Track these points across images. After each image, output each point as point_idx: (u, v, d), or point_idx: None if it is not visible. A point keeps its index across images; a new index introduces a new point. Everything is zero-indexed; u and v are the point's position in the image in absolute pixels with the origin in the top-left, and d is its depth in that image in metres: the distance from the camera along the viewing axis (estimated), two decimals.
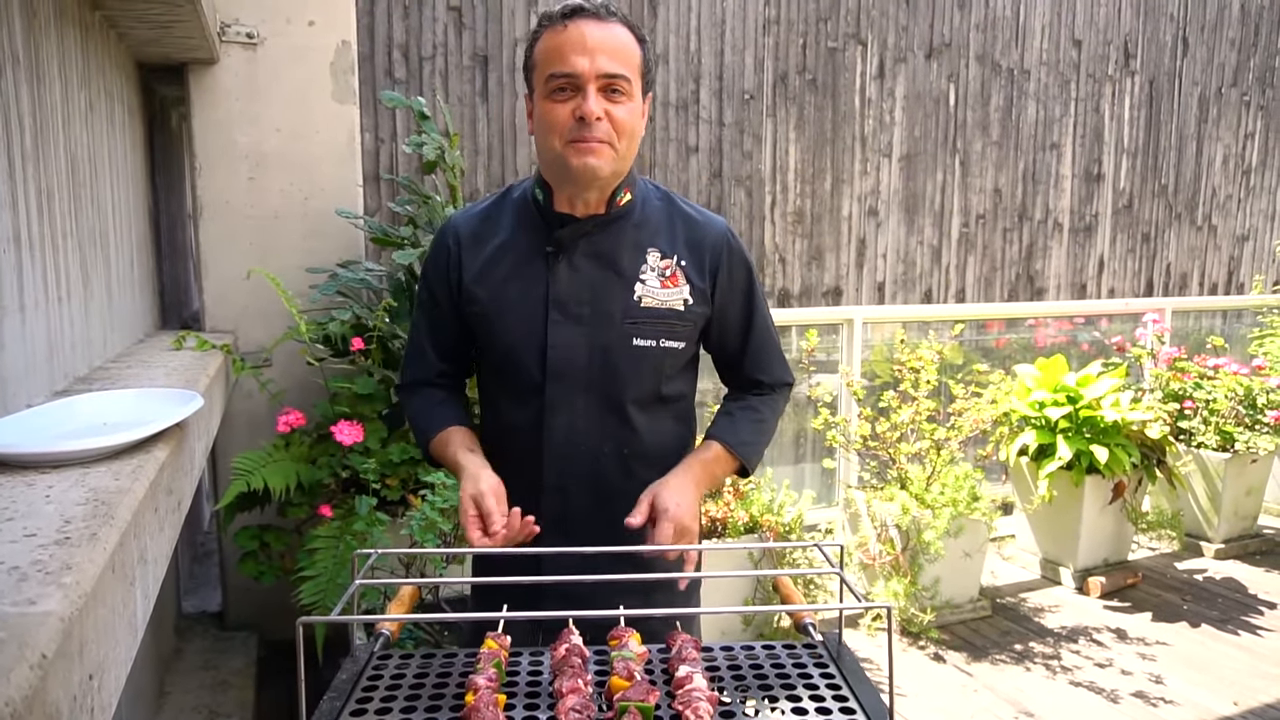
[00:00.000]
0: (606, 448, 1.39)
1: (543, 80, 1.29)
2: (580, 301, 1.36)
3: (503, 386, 1.43)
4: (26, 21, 1.45)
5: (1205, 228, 5.07)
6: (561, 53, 1.25)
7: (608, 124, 1.27)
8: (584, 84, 1.25)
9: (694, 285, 1.39)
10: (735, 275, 1.44)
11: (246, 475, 2.34)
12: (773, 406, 1.52)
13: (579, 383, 1.37)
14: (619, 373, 1.37)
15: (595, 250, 1.37)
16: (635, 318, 1.36)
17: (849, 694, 0.96)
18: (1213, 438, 4.09)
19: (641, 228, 1.40)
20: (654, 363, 1.38)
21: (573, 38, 1.25)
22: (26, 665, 0.54)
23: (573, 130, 1.27)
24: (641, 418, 1.40)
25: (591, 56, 1.24)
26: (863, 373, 3.96)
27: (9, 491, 0.90)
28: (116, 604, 0.79)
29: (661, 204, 1.44)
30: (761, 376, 1.51)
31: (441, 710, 0.92)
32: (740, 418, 1.47)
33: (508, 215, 1.43)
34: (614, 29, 1.28)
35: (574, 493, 1.38)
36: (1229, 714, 2.73)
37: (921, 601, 3.26)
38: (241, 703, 2.44)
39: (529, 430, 1.39)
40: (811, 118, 3.94)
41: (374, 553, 1.12)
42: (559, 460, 1.38)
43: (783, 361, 1.54)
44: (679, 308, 1.38)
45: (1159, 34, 4.75)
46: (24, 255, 1.39)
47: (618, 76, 1.26)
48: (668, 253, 1.39)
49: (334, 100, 2.84)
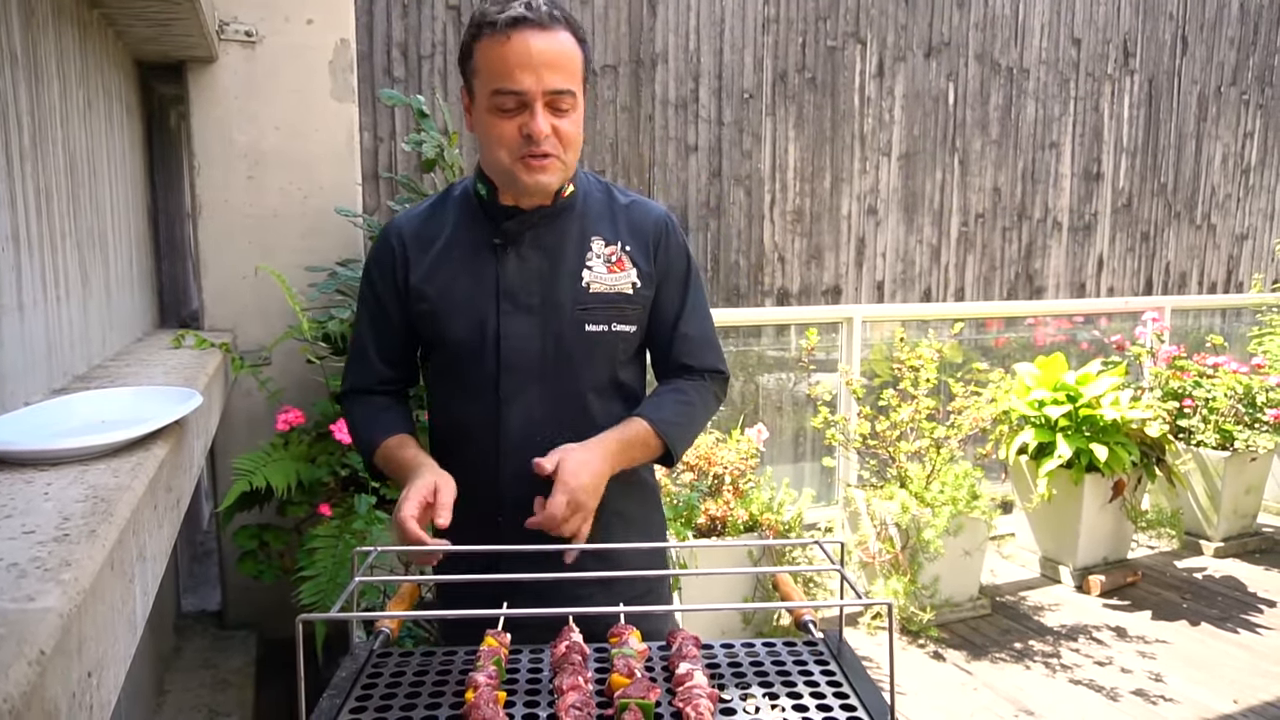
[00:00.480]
0: (563, 437, 1.35)
1: (487, 92, 1.26)
2: (530, 291, 1.36)
3: (455, 384, 1.42)
4: (24, 20, 1.45)
5: (1204, 226, 5.07)
6: (507, 68, 1.23)
7: (555, 139, 1.27)
8: (531, 101, 1.24)
9: (640, 269, 1.40)
10: (673, 258, 1.45)
11: (249, 475, 2.34)
12: (701, 393, 1.47)
13: (533, 373, 1.36)
14: (573, 360, 1.37)
15: (541, 242, 1.37)
16: (585, 304, 1.36)
17: (850, 691, 0.96)
18: (1212, 436, 4.09)
19: (585, 217, 1.41)
20: (607, 348, 1.39)
21: (517, 51, 1.22)
22: (25, 662, 0.54)
23: (521, 146, 1.26)
24: (598, 405, 1.40)
25: (538, 74, 1.23)
26: (862, 371, 3.96)
27: (8, 489, 0.90)
28: (116, 601, 0.79)
29: (602, 195, 1.45)
30: (690, 362, 1.47)
31: (442, 708, 0.92)
32: (666, 398, 1.43)
33: (451, 213, 1.42)
34: (558, 37, 1.25)
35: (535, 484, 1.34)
36: (1228, 712, 2.73)
37: (921, 600, 3.26)
38: (241, 701, 2.44)
39: (484, 425, 1.38)
40: (811, 116, 3.93)
41: (373, 550, 1.12)
42: (516, 452, 1.36)
43: (716, 350, 1.50)
44: (628, 291, 1.39)
45: (1158, 33, 4.75)
46: (22, 254, 1.39)
47: (564, 93, 1.25)
48: (611, 239, 1.40)
49: (333, 99, 2.83)
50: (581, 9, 3.45)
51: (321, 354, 2.67)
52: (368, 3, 3.08)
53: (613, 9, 3.51)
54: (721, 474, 3.11)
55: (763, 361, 4.05)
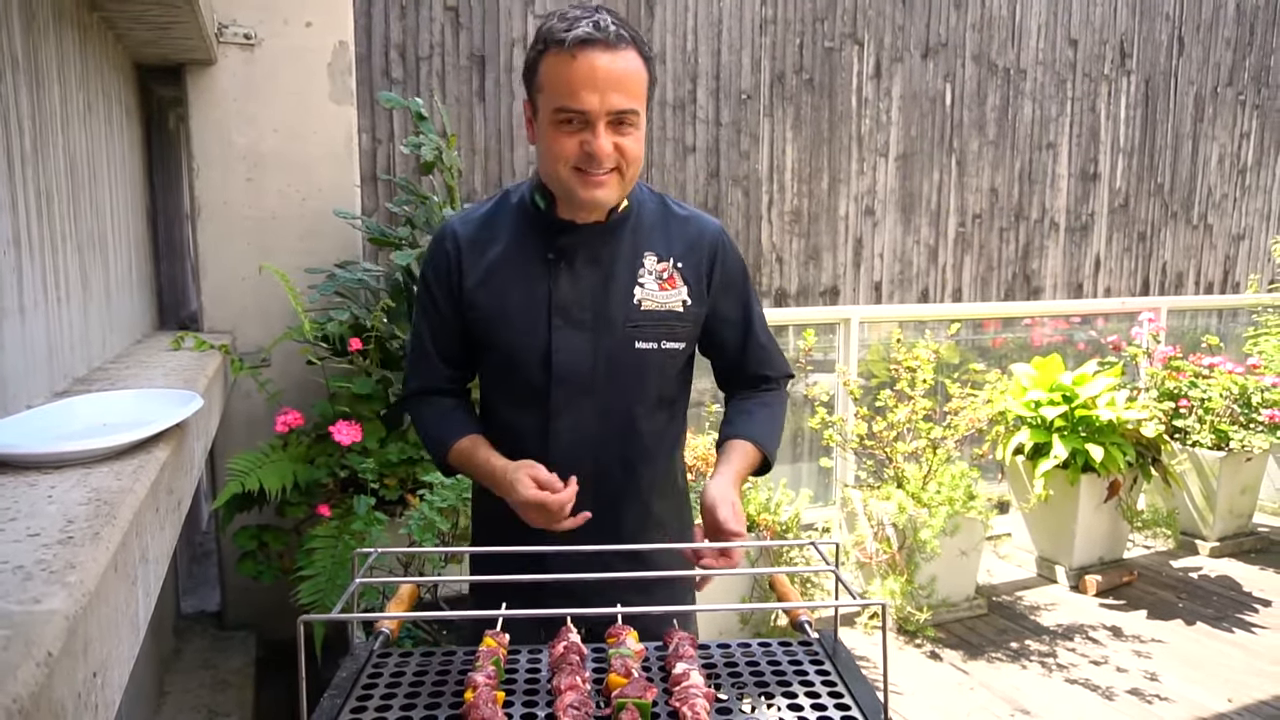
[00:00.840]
0: (611, 449, 1.40)
1: (550, 108, 1.27)
2: (582, 307, 1.37)
3: (506, 391, 1.44)
4: (25, 24, 1.46)
5: (1201, 227, 5.09)
6: (571, 87, 1.23)
7: (617, 154, 1.27)
8: (594, 120, 1.24)
9: (691, 286, 1.41)
10: (730, 274, 1.46)
11: (242, 476, 2.35)
12: (780, 398, 1.55)
13: (583, 387, 1.38)
14: (623, 376, 1.38)
15: (595, 256, 1.38)
16: (636, 321, 1.37)
17: (844, 690, 0.97)
18: (1208, 436, 4.10)
19: (637, 232, 1.41)
20: (657, 365, 1.40)
21: (582, 72, 1.22)
22: (33, 663, 0.55)
23: (580, 161, 1.27)
24: (644, 419, 1.42)
25: (603, 94, 1.22)
26: (859, 372, 3.97)
27: (11, 492, 0.91)
28: (119, 602, 0.80)
29: (655, 207, 1.45)
30: (768, 372, 1.53)
31: (441, 708, 0.93)
32: (758, 414, 1.50)
33: (506, 220, 1.43)
34: (624, 58, 1.24)
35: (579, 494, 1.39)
36: (1223, 711, 2.75)
37: (918, 600, 3.27)
38: (241, 702, 2.44)
39: (533, 434, 1.40)
40: (808, 117, 3.95)
41: (373, 552, 1.13)
42: (564, 463, 1.38)
43: (782, 355, 1.57)
44: (678, 309, 1.40)
45: (1155, 33, 4.77)
46: (23, 257, 1.39)
47: (628, 112, 1.25)
48: (664, 255, 1.41)
49: (331, 101, 2.84)
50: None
51: (322, 355, 2.68)
52: (366, 4, 3.09)
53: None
54: None
55: None
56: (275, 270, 2.65)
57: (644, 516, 1.44)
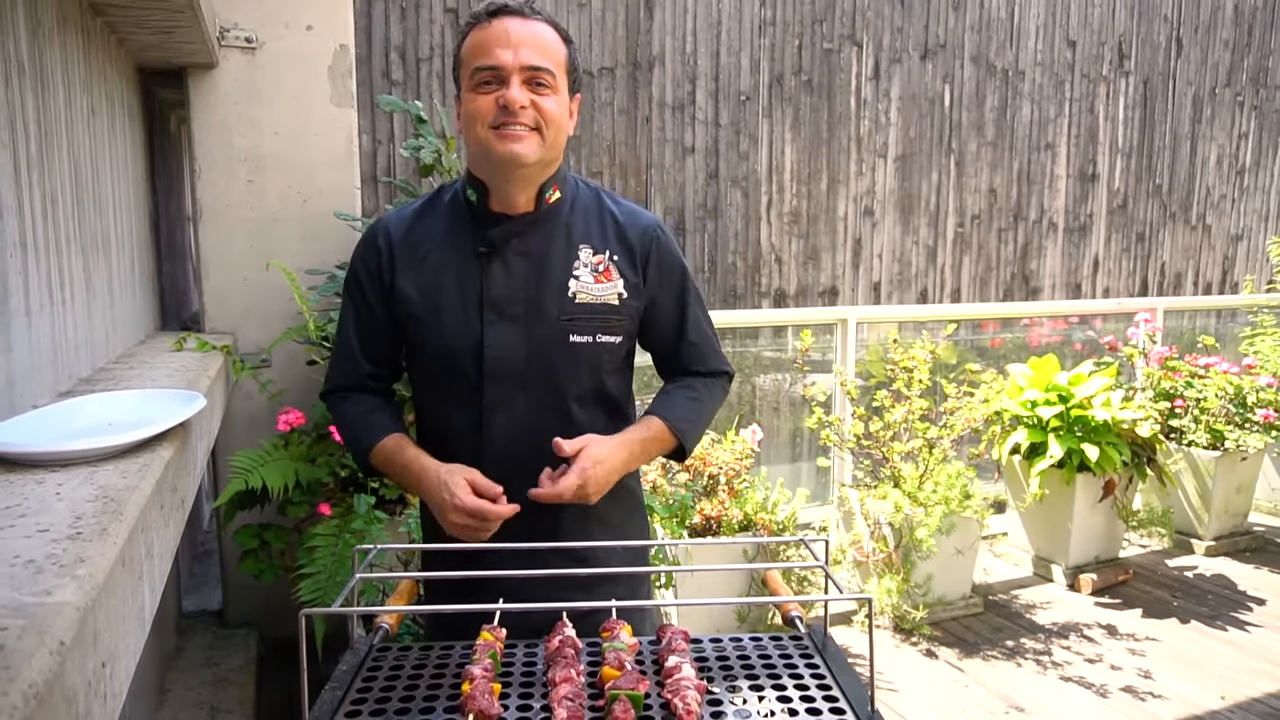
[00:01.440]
0: (546, 445, 1.37)
1: (468, 75, 1.31)
2: (515, 300, 1.36)
3: (438, 389, 1.43)
4: (31, 29, 1.48)
5: (1199, 227, 5.11)
6: (486, 47, 1.29)
7: (533, 111, 1.29)
8: (508, 75, 1.28)
9: (627, 279, 1.40)
10: (666, 268, 1.45)
11: (245, 474, 2.37)
12: (710, 388, 1.52)
13: (517, 382, 1.37)
14: (557, 370, 1.38)
15: (527, 249, 1.37)
16: (571, 314, 1.37)
17: (832, 682, 0.99)
18: (1203, 436, 4.13)
19: (572, 225, 1.40)
20: (592, 358, 1.39)
21: (496, 33, 1.29)
22: (46, 651, 0.57)
23: (497, 117, 1.29)
24: (582, 414, 1.41)
25: (515, 50, 1.28)
26: (857, 372, 3.99)
27: (20, 489, 0.93)
28: (126, 596, 0.83)
29: (591, 200, 1.44)
30: (698, 368, 1.52)
31: (439, 699, 0.96)
32: (677, 395, 1.48)
33: (439, 216, 1.43)
34: (537, 25, 1.31)
35: (517, 491, 1.37)
36: (1216, 708, 2.77)
37: (914, 598, 3.29)
38: (242, 699, 2.47)
39: (468, 431, 1.39)
40: (807, 118, 3.97)
41: (374, 548, 1.16)
42: (499, 459, 1.38)
43: (719, 354, 1.55)
44: (614, 302, 1.39)
45: (1153, 34, 4.79)
46: (29, 259, 1.42)
47: (541, 69, 1.29)
48: (599, 248, 1.40)
49: (332, 104, 2.87)
50: (579, 11, 3.48)
51: (327, 354, 2.71)
52: (366, 6, 3.11)
53: (610, 11, 3.54)
54: (716, 474, 3.14)
55: (759, 362, 4.08)
56: (281, 266, 2.67)
57: (584, 514, 1.40)
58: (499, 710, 0.91)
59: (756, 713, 0.93)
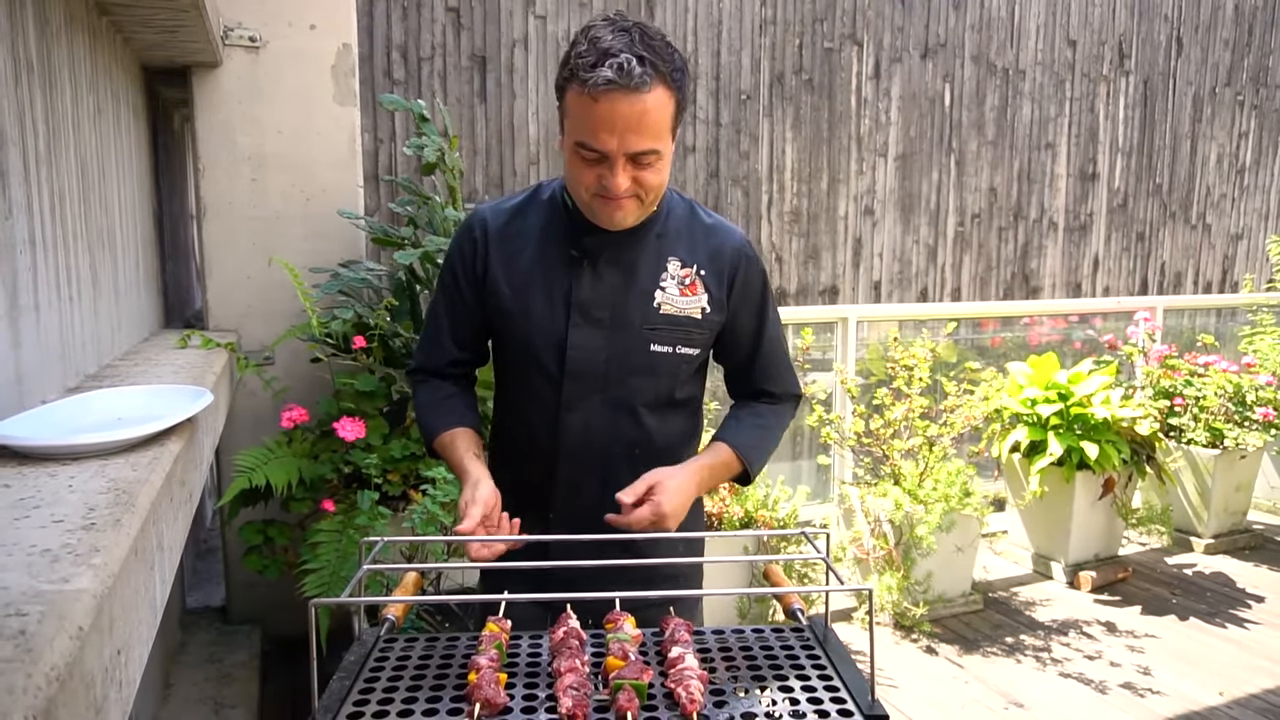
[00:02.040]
0: (618, 446, 1.43)
1: (572, 139, 1.28)
2: (601, 306, 1.39)
3: (520, 381, 1.47)
4: (40, 29, 1.50)
5: (1199, 226, 5.12)
6: (591, 128, 1.24)
7: (635, 186, 1.29)
8: (612, 159, 1.25)
9: (712, 294, 1.43)
10: (750, 285, 1.47)
11: (248, 472, 2.38)
12: (779, 415, 1.54)
13: (595, 384, 1.40)
14: (635, 376, 1.41)
15: (618, 258, 1.40)
16: (654, 324, 1.40)
17: (833, 673, 1.01)
18: (1202, 434, 4.14)
19: (664, 237, 1.43)
20: (669, 368, 1.42)
21: (602, 115, 1.22)
22: (66, 636, 0.59)
23: (599, 189, 1.29)
24: (652, 419, 1.44)
25: (621, 137, 1.23)
26: (857, 370, 4.01)
27: (34, 481, 0.95)
28: (139, 586, 0.84)
29: (684, 214, 1.47)
30: (770, 387, 1.54)
31: (446, 689, 0.97)
32: (746, 422, 1.51)
33: (536, 214, 1.45)
34: (647, 100, 1.22)
35: (584, 487, 1.43)
36: (1214, 704, 2.78)
37: (914, 595, 3.31)
38: (245, 694, 2.48)
39: (544, 426, 1.43)
40: (808, 118, 3.98)
41: (380, 541, 1.17)
42: (572, 456, 1.42)
43: (792, 374, 1.57)
44: (697, 316, 1.42)
45: (1153, 34, 4.80)
46: (38, 256, 1.43)
47: (648, 152, 1.26)
48: (688, 261, 1.42)
49: (335, 102, 2.88)
50: (580, 10, 3.49)
51: (331, 351, 2.72)
52: (368, 5, 3.13)
53: (611, 10, 3.55)
54: None
55: None
56: (284, 264, 2.68)
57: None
58: (505, 700, 0.93)
59: (759, 702, 0.94)
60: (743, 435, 1.48)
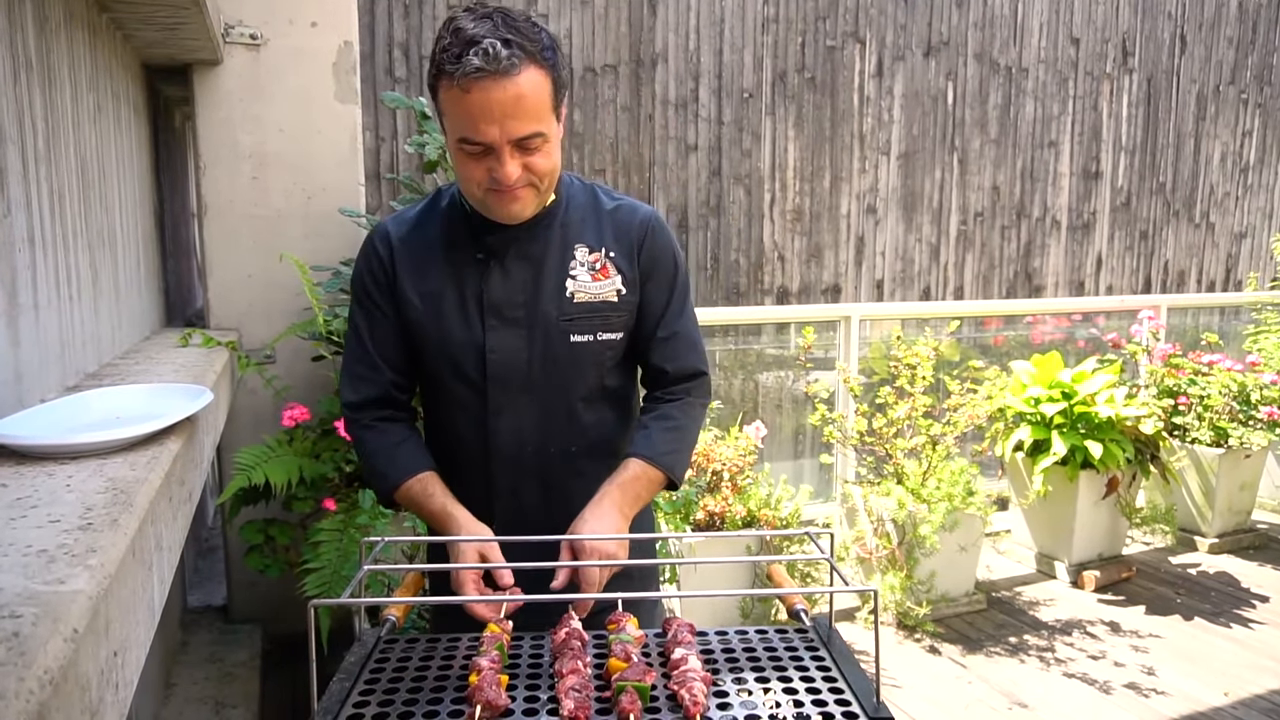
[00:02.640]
0: (553, 447, 1.40)
1: (454, 137, 1.25)
2: (515, 304, 1.36)
3: (444, 393, 1.43)
4: (39, 26, 1.49)
5: (1203, 225, 5.10)
6: (470, 120, 1.20)
7: (527, 174, 1.26)
8: (498, 148, 1.22)
9: (624, 275, 1.40)
10: (659, 259, 1.43)
11: (248, 470, 2.38)
12: (688, 411, 1.46)
13: (521, 384, 1.37)
14: (561, 371, 1.38)
15: (525, 253, 1.37)
16: (570, 314, 1.37)
17: (838, 674, 1.00)
18: (1207, 433, 4.12)
19: (567, 225, 1.40)
20: (594, 357, 1.39)
21: (477, 104, 1.18)
22: (60, 638, 0.58)
23: (491, 184, 1.26)
24: (587, 414, 1.41)
25: (501, 124, 1.20)
26: (860, 369, 4.00)
27: (31, 481, 0.94)
28: (137, 587, 0.83)
29: (586, 199, 1.44)
30: (667, 366, 1.45)
31: (447, 690, 0.96)
32: (655, 429, 1.42)
33: (437, 222, 1.42)
34: (520, 81, 1.18)
35: (525, 494, 1.40)
36: (1219, 704, 2.77)
37: (917, 595, 3.29)
38: (246, 694, 2.48)
39: (474, 436, 1.40)
40: (810, 116, 3.97)
41: (381, 541, 1.16)
42: (507, 463, 1.39)
43: (699, 353, 1.48)
44: (612, 299, 1.39)
45: (1157, 32, 4.78)
46: (37, 255, 1.42)
47: (532, 135, 1.23)
48: (595, 246, 1.40)
49: (336, 100, 2.87)
50: (581, 9, 3.48)
51: (336, 349, 2.71)
52: (369, 3, 3.12)
53: (613, 8, 3.54)
54: (720, 470, 3.14)
55: (762, 360, 4.09)
56: (294, 259, 2.67)
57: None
58: (506, 701, 0.92)
59: (762, 704, 0.93)
60: (654, 444, 1.40)
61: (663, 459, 1.39)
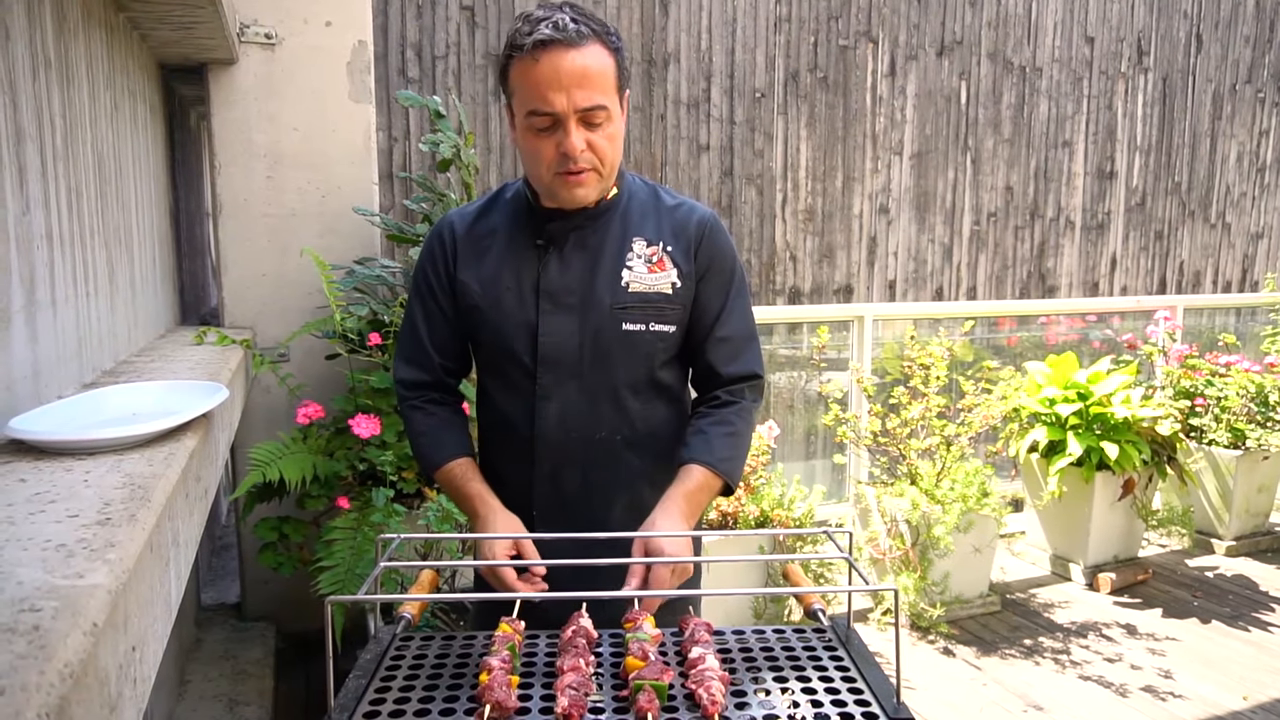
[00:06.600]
0: (599, 434, 1.42)
1: (523, 113, 1.30)
2: (570, 291, 1.40)
3: (496, 377, 1.47)
4: (58, 25, 1.49)
5: (1219, 225, 5.05)
6: (538, 90, 1.26)
7: (591, 154, 1.30)
8: (564, 119, 1.27)
9: (680, 269, 1.42)
10: (716, 259, 1.45)
11: (263, 466, 2.38)
12: (744, 416, 1.46)
13: (570, 369, 1.40)
14: (610, 358, 1.40)
15: (584, 242, 1.41)
16: (624, 303, 1.39)
17: (857, 675, 0.99)
18: (1224, 435, 4.08)
19: (627, 218, 1.44)
20: (645, 347, 1.41)
21: (546, 74, 1.24)
22: (80, 632, 0.58)
23: (559, 164, 1.30)
24: (635, 404, 1.43)
25: (568, 93, 1.25)
26: (873, 369, 3.98)
27: (49, 476, 0.94)
28: (155, 582, 0.83)
29: (647, 196, 1.48)
30: (723, 368, 1.45)
31: (463, 689, 0.96)
32: (714, 434, 1.41)
33: (500, 212, 1.48)
34: (586, 54, 1.26)
35: (565, 480, 1.42)
36: (1238, 709, 2.74)
37: (931, 596, 3.27)
38: (260, 691, 2.48)
39: (522, 419, 1.43)
40: (823, 116, 3.95)
41: (397, 538, 1.16)
42: (551, 447, 1.41)
43: (755, 355, 1.49)
44: (667, 291, 1.41)
45: (1172, 30, 4.74)
46: (55, 252, 1.43)
47: (597, 108, 1.27)
48: (653, 240, 1.43)
49: (350, 100, 2.88)
50: (594, 9, 3.48)
51: (352, 348, 2.72)
52: (382, 3, 3.12)
53: (625, 9, 3.54)
54: None
55: (774, 360, 4.07)
56: (313, 254, 2.67)
57: (635, 505, 1.41)
58: (515, 702, 0.91)
59: (780, 704, 0.93)
60: (713, 450, 1.39)
61: (722, 465, 1.39)
